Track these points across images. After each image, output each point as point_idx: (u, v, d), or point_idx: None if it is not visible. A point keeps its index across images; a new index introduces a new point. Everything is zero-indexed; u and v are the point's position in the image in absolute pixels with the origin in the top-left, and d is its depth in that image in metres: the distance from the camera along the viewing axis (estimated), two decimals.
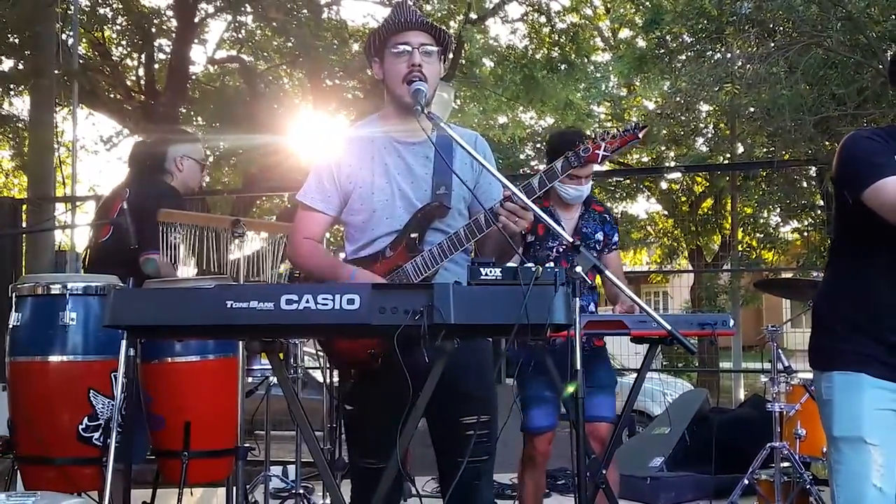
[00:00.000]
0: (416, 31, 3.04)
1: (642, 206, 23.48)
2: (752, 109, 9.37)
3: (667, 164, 19.41)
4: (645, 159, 21.33)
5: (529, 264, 2.62)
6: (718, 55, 9.18)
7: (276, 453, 6.42)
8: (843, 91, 7.03)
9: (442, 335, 2.55)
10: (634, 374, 4.14)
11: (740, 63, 8.63)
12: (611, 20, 19.79)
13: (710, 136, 15.52)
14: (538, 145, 21.67)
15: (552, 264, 3.99)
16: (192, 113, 16.42)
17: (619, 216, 22.59)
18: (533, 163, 21.93)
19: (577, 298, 2.82)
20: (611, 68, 19.33)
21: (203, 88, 16.56)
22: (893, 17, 7.03)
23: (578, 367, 2.85)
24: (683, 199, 21.42)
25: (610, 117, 22.10)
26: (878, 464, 2.75)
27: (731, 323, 4.15)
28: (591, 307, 4.27)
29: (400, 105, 3.06)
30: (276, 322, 2.50)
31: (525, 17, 15.93)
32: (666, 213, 22.09)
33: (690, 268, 22.22)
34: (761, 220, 16.33)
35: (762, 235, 15.85)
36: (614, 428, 4.16)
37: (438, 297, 2.52)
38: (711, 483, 6.07)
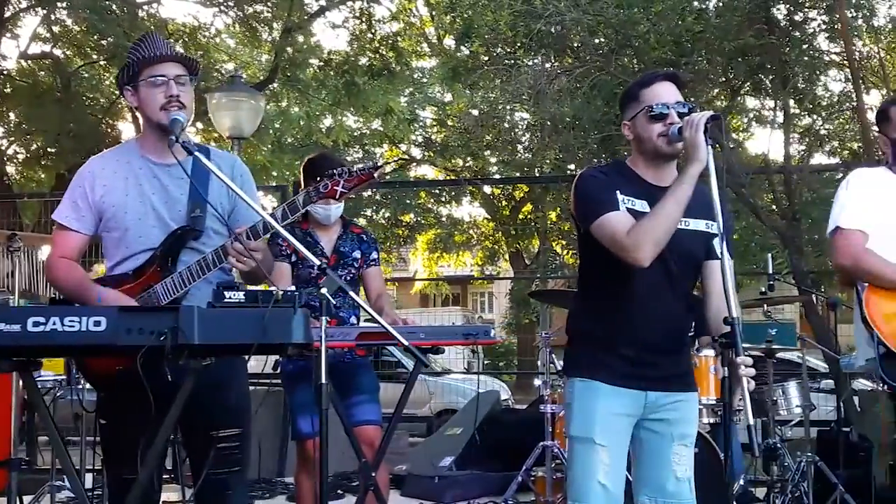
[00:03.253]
0: (170, 63, 3.20)
1: (467, 210, 24.11)
2: (549, 123, 9.75)
3: (488, 170, 20.06)
4: (470, 163, 21.89)
5: (272, 288, 2.83)
6: (524, 70, 9.52)
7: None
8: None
9: (186, 355, 2.73)
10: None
11: (545, 78, 8.98)
12: (435, 27, 20.18)
13: (526, 144, 16.07)
14: (365, 147, 21.96)
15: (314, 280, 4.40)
16: (2, 109, 15.83)
17: (445, 219, 23.11)
18: (360, 165, 22.06)
19: (324, 318, 3.06)
20: (435, 74, 19.74)
21: (15, 84, 15.96)
22: (669, 44, 7.57)
23: (324, 380, 3.09)
24: (504, 203, 22.09)
25: (435, 122, 22.59)
26: (604, 463, 3.05)
27: (493, 333, 4.50)
28: (353, 319, 4.53)
29: (157, 131, 3.20)
30: (22, 343, 2.62)
31: (345, 24, 16.12)
32: (488, 216, 22.71)
33: (511, 270, 23.04)
34: (565, 228, 17.06)
35: (566, 242, 16.56)
36: (381, 430, 4.46)
37: (183, 319, 2.69)
38: (496, 480, 6.47)
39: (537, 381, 6.31)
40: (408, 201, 21.84)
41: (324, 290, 3.06)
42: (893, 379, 3.75)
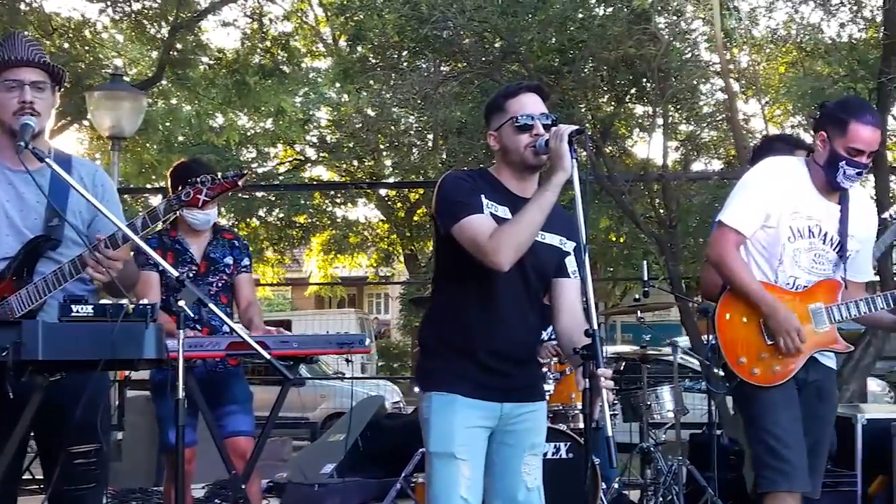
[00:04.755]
0: (28, 68, 3.10)
1: (362, 211, 23.95)
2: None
3: (382, 172, 20.04)
4: (365, 165, 21.77)
5: (123, 301, 2.75)
6: (412, 74, 9.49)
7: None
8: None
9: (30, 371, 2.64)
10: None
11: (431, 82, 8.98)
12: (331, 27, 20.00)
13: (418, 148, 16.07)
14: (259, 147, 21.64)
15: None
16: None
17: (339, 221, 22.91)
18: (254, 165, 21.85)
19: (181, 331, 2.98)
20: (329, 75, 19.56)
21: None
22: (554, 52, 7.68)
23: (181, 395, 3.02)
24: (400, 205, 22.03)
25: (331, 122, 22.38)
26: (465, 477, 3.04)
27: (368, 342, 4.48)
28: (225, 327, 4.46)
29: (11, 136, 3.10)
30: None
31: (235, 22, 15.86)
32: (383, 218, 22.62)
33: (406, 271, 23.04)
34: None
35: None
36: (253, 441, 4.40)
37: (27, 334, 2.61)
38: (375, 487, 6.44)
39: (416, 388, 6.30)
40: (302, 202, 21.57)
41: (181, 303, 2.99)
42: (717, 383, 3.87)
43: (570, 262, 3.24)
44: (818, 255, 3.87)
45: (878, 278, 4.58)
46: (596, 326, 2.87)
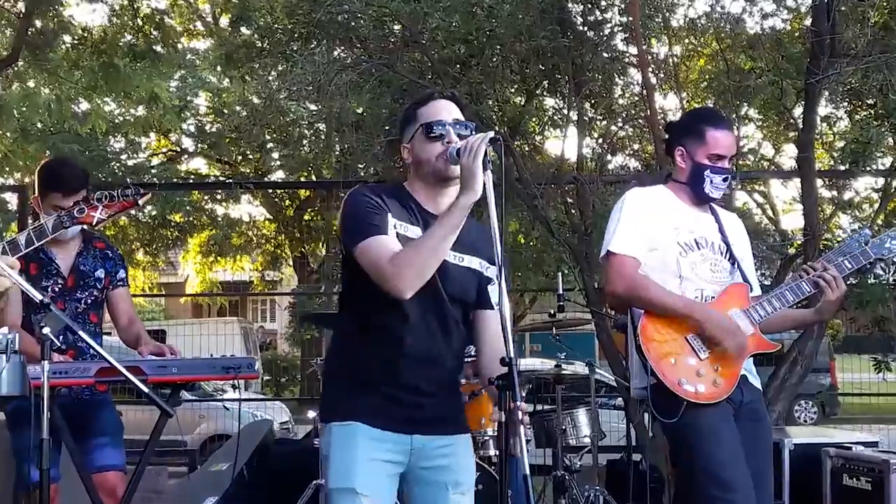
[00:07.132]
0: None
1: (246, 209, 23.61)
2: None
3: (269, 166, 19.81)
4: (249, 157, 21.49)
5: None
6: (304, 62, 9.38)
7: None
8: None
9: None
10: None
11: (326, 72, 8.86)
12: (211, 4, 19.68)
13: (309, 141, 15.91)
14: (128, 136, 21.15)
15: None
16: None
17: (220, 219, 22.54)
18: (123, 156, 21.35)
19: (45, 362, 2.90)
20: (209, 58, 19.23)
21: None
22: (459, 41, 7.67)
23: (45, 435, 2.93)
24: (288, 203, 21.78)
25: (211, 110, 22.03)
26: None
27: (258, 366, 4.44)
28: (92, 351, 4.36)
29: None
30: None
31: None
32: (270, 217, 22.34)
33: (295, 276, 22.84)
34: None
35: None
36: (125, 476, 4.34)
37: None
38: None
39: (311, 413, 6.25)
40: (178, 198, 21.15)
41: (46, 330, 2.90)
42: (661, 411, 3.95)
43: (493, 292, 3.24)
44: (714, 264, 4.07)
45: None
46: (512, 354, 2.87)
